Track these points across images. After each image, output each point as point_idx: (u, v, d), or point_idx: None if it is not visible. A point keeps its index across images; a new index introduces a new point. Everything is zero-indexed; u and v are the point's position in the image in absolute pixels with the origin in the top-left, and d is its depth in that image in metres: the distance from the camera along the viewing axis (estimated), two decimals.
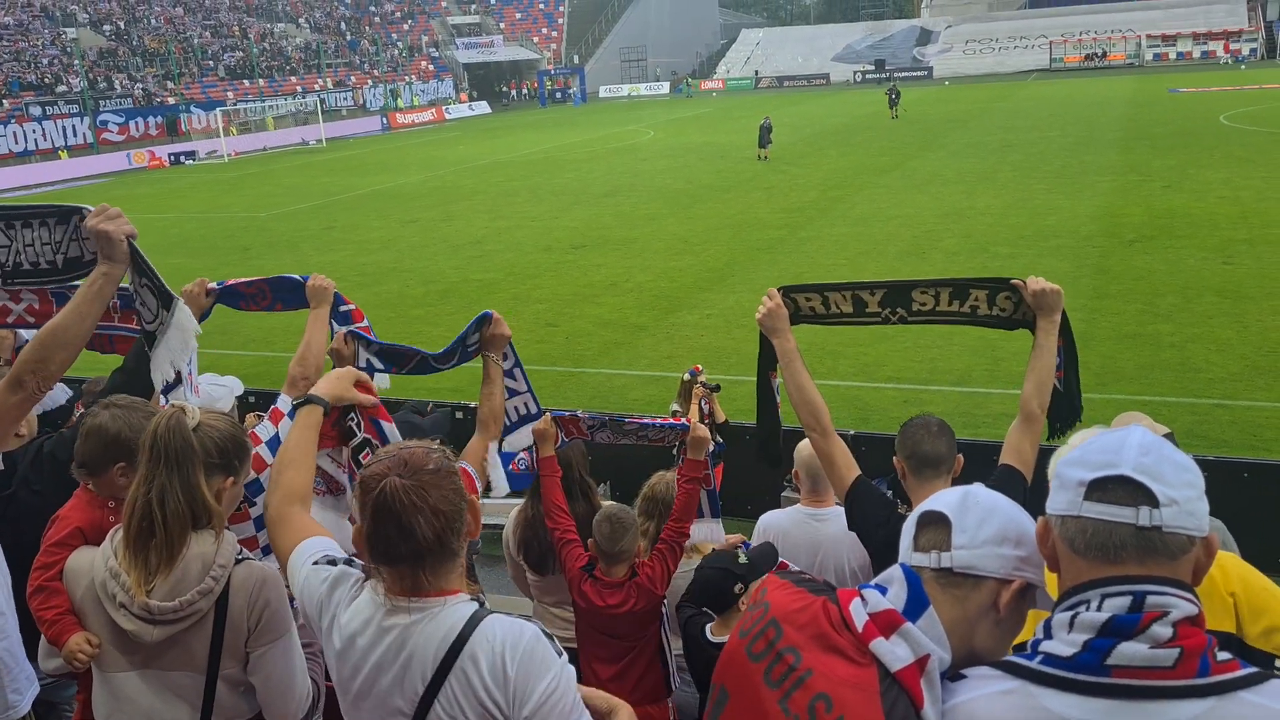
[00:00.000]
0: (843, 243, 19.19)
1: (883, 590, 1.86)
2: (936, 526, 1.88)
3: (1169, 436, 3.45)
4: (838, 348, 12.36)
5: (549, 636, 2.15)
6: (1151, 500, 1.65)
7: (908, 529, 1.95)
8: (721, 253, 19.18)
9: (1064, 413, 3.59)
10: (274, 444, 3.22)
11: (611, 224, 22.93)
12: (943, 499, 1.92)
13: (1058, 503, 1.75)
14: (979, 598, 1.83)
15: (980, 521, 1.85)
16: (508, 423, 3.95)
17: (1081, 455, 1.74)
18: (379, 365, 3.70)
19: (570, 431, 4.31)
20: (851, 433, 7.53)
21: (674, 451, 4.49)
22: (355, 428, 3.15)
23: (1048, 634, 1.71)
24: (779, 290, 3.69)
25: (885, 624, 1.80)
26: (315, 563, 2.34)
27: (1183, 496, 1.66)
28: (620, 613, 4.00)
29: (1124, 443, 1.71)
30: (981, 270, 15.32)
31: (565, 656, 2.15)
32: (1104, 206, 20.67)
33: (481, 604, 2.20)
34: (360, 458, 3.10)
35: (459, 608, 2.14)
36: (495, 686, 2.08)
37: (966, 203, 22.24)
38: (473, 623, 2.13)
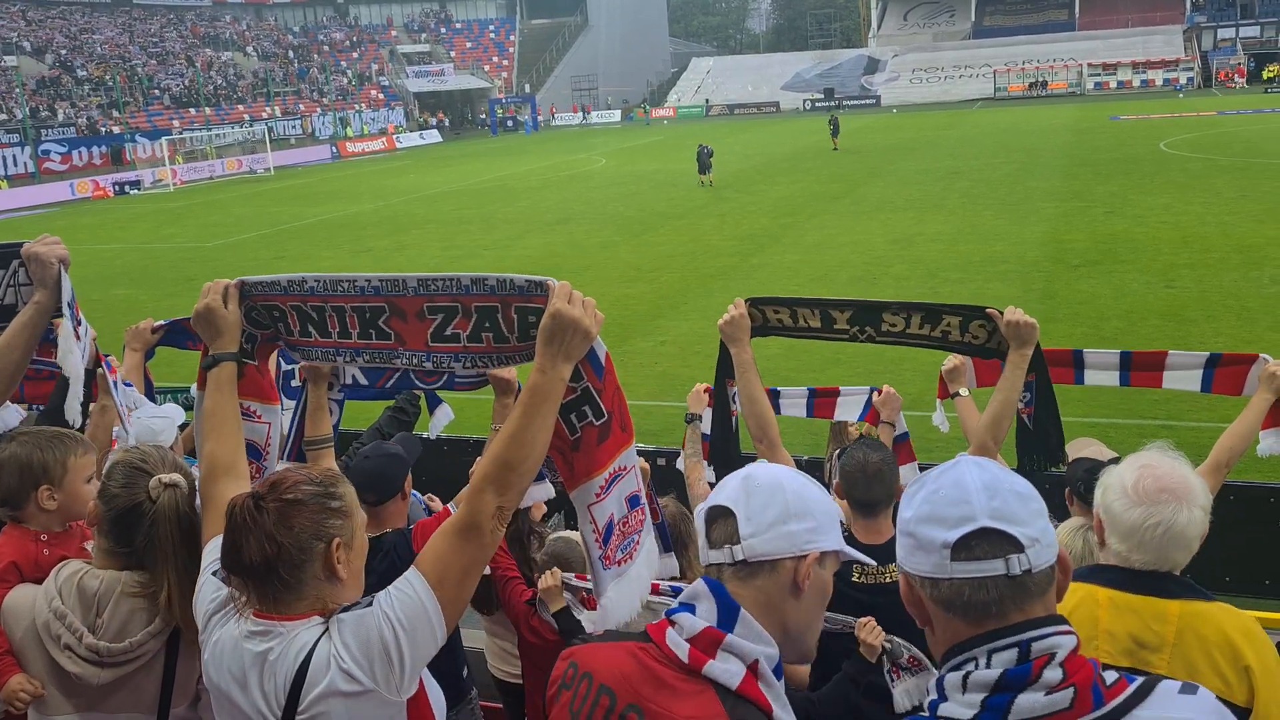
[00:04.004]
0: (795, 269, 19.32)
1: (691, 609, 1.85)
2: (724, 520, 1.88)
3: (1116, 461, 3.44)
4: (790, 373, 12.37)
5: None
6: (1016, 546, 1.63)
7: (700, 528, 1.94)
8: (675, 280, 19.21)
9: (1036, 449, 3.55)
10: None
11: (564, 252, 22.90)
12: (725, 490, 1.91)
13: (920, 564, 1.70)
14: (780, 580, 1.84)
15: (764, 505, 1.84)
16: None
17: (932, 511, 1.69)
18: (363, 380, 3.55)
19: None
20: (805, 458, 7.50)
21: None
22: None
23: (942, 695, 1.67)
24: (746, 301, 3.66)
25: (708, 644, 1.79)
26: (215, 573, 2.27)
27: (1039, 530, 1.66)
28: None
29: (966, 488, 1.67)
30: (932, 296, 15.48)
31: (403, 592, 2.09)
32: (1049, 232, 21.02)
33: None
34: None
35: (304, 633, 2.07)
36: (360, 675, 2.01)
37: (916, 229, 22.50)
38: (316, 642, 2.07)
